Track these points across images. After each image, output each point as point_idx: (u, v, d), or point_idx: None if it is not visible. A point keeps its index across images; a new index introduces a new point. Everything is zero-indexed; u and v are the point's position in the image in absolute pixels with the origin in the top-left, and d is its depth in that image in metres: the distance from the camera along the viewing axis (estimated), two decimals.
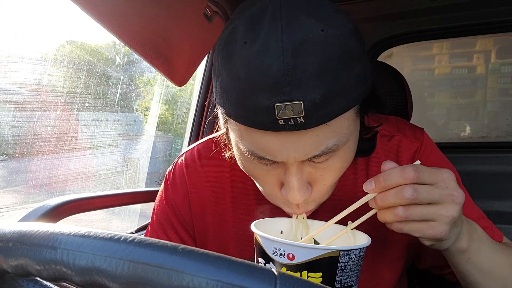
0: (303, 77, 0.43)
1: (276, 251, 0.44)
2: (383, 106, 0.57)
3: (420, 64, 1.97)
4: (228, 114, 0.49)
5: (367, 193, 0.48)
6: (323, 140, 0.47)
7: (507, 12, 1.35)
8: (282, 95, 0.43)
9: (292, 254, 0.43)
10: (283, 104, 0.43)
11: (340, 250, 0.42)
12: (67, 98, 1.27)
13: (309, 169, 0.52)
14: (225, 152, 0.68)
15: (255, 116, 0.45)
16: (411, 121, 1.04)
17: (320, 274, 0.43)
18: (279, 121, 0.44)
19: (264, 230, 0.48)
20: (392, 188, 0.46)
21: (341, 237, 0.52)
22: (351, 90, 0.46)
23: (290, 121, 0.44)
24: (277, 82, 0.43)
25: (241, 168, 0.59)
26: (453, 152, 1.40)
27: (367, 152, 0.63)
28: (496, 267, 0.56)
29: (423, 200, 0.45)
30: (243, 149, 0.52)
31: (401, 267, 0.69)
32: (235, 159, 0.70)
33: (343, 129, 0.49)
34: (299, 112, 0.43)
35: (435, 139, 0.77)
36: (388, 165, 0.47)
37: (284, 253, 0.43)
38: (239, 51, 0.45)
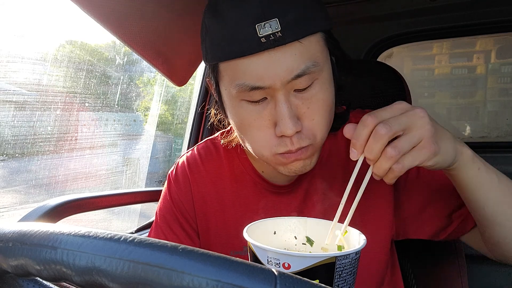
0: (277, 3, 0.55)
1: (271, 261, 0.43)
2: (339, 46, 0.66)
3: (420, 64, 1.97)
4: (219, 58, 0.59)
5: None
6: (302, 59, 0.56)
7: (507, 12, 1.35)
8: (261, 16, 0.54)
9: (288, 264, 0.42)
10: (262, 23, 0.54)
11: (336, 256, 0.42)
12: (67, 98, 1.27)
13: (296, 101, 0.59)
14: (222, 139, 0.78)
15: (242, 43, 0.55)
16: None
17: (317, 281, 0.42)
18: (261, 39, 0.54)
19: (257, 233, 0.47)
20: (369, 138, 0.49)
21: (334, 234, 0.52)
22: (317, 19, 0.58)
23: (270, 37, 0.54)
24: (257, 9, 0.55)
25: (235, 126, 0.65)
26: None
27: (342, 118, 0.72)
28: (503, 181, 0.57)
29: (397, 128, 0.48)
30: (235, 93, 0.59)
31: (389, 240, 0.71)
32: (232, 151, 0.77)
33: (316, 52, 0.58)
34: (276, 27, 0.54)
35: None
36: (348, 128, 0.52)
37: (279, 263, 0.42)
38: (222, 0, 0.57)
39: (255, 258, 0.46)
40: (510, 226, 0.58)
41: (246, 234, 0.48)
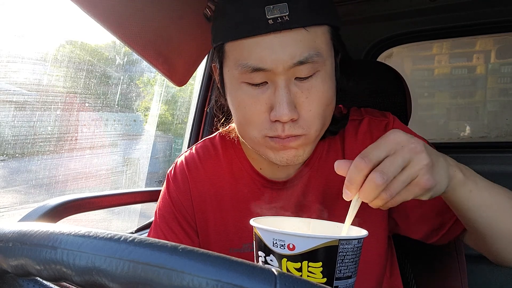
0: None
1: (276, 243, 0.44)
2: (344, 47, 0.67)
3: (420, 64, 1.97)
4: (227, 38, 0.61)
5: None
6: (306, 47, 0.57)
7: (507, 12, 1.35)
8: None
9: (293, 245, 0.43)
10: (271, 5, 0.56)
11: (339, 240, 0.43)
12: (67, 98, 1.27)
13: (295, 89, 0.60)
14: (219, 125, 0.80)
15: (250, 23, 0.57)
16: (410, 121, 1.04)
17: (320, 263, 0.43)
18: (269, 21, 0.56)
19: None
20: (364, 183, 0.47)
21: (336, 230, 0.53)
22: (326, 12, 0.60)
23: (278, 20, 0.56)
24: None
25: (233, 109, 0.65)
26: (453, 152, 1.40)
27: (341, 123, 0.73)
28: (496, 199, 0.57)
29: (395, 173, 0.46)
30: (237, 74, 0.60)
31: (385, 236, 0.71)
32: (230, 150, 0.78)
33: (321, 43, 0.59)
34: (285, 11, 0.56)
35: (435, 139, 0.78)
36: (339, 165, 0.49)
37: (284, 244, 0.44)
38: None
39: (261, 243, 0.47)
40: (502, 240, 0.58)
41: (253, 222, 0.49)
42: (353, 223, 0.53)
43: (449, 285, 0.89)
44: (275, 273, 0.24)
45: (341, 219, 0.53)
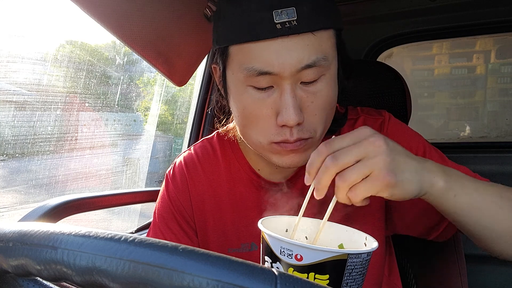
0: None
1: (284, 251, 0.44)
2: (345, 48, 0.67)
3: (420, 64, 1.97)
4: (232, 41, 0.60)
5: None
6: (313, 51, 0.57)
7: (507, 12, 1.35)
8: (279, 3, 0.56)
9: (300, 255, 0.43)
10: (279, 10, 0.55)
11: (348, 254, 0.42)
12: (67, 98, 1.27)
13: (301, 94, 0.60)
14: (218, 126, 0.80)
15: (257, 27, 0.56)
16: (410, 121, 1.04)
17: (327, 276, 0.42)
18: (277, 25, 0.56)
19: (269, 228, 0.47)
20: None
21: (345, 235, 0.52)
22: (332, 15, 0.60)
23: (286, 24, 0.55)
24: None
25: (237, 112, 0.65)
26: (453, 152, 1.40)
27: (339, 122, 0.73)
28: (487, 200, 0.55)
29: (346, 160, 0.47)
30: (242, 78, 0.60)
31: (382, 236, 0.71)
32: (228, 150, 0.78)
33: (327, 47, 0.60)
34: (293, 16, 0.55)
35: (435, 139, 0.78)
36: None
37: (292, 254, 0.43)
38: None
39: (268, 248, 0.46)
40: (495, 239, 0.58)
41: (261, 225, 0.48)
42: (337, 220, 0.53)
43: (449, 285, 0.89)
44: (276, 273, 0.24)
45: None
